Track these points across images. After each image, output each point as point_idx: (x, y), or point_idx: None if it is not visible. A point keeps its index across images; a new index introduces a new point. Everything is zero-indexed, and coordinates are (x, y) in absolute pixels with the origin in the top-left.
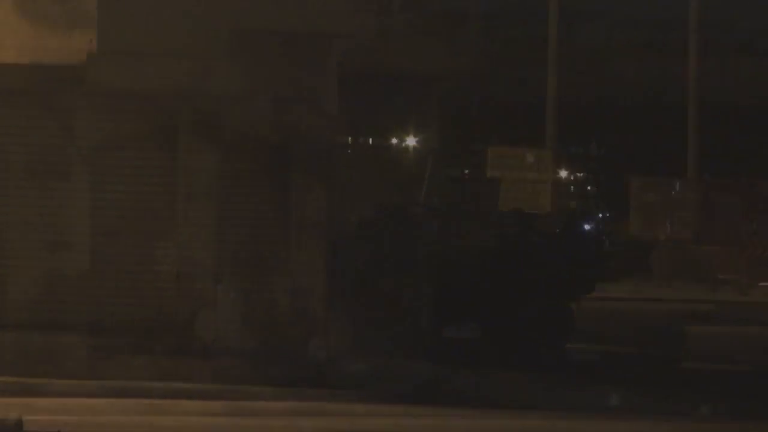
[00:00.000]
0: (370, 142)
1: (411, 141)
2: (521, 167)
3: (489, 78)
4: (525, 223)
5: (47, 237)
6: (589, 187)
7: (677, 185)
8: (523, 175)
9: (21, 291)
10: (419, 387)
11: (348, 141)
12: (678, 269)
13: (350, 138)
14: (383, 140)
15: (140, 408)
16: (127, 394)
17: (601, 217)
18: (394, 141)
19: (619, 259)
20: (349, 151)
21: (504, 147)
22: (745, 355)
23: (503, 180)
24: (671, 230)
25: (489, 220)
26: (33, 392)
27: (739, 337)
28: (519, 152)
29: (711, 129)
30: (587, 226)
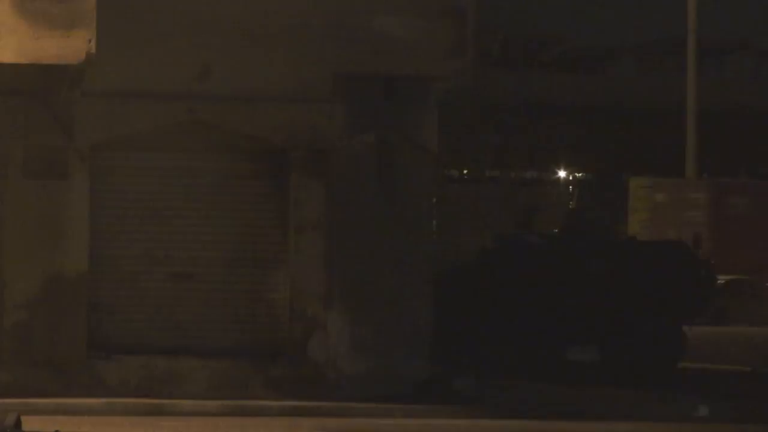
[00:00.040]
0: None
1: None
2: (650, 196)
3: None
4: (637, 250)
5: (170, 268)
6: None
7: None
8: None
9: (146, 318)
10: (542, 405)
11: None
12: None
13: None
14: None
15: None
16: (247, 413)
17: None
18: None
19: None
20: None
21: (644, 178)
22: None
23: (644, 209)
24: None
25: (603, 248)
26: (158, 412)
27: None
28: (648, 181)
29: None
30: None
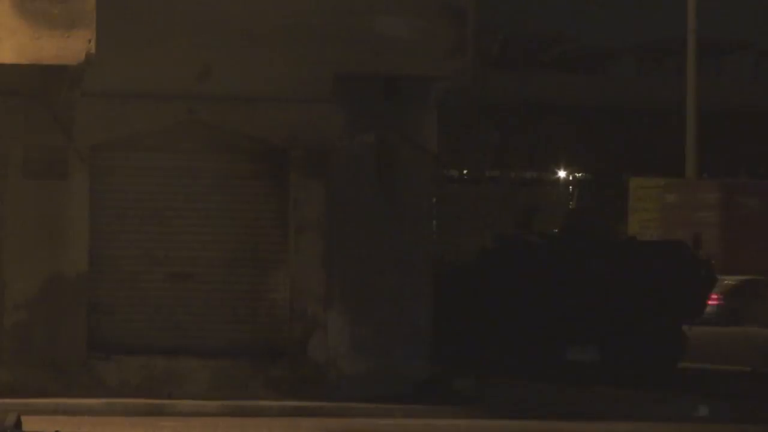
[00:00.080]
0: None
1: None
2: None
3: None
4: (637, 250)
5: (170, 268)
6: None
7: None
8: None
9: (146, 318)
10: (542, 405)
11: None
12: None
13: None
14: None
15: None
16: (247, 413)
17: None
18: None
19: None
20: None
21: (644, 178)
22: None
23: (644, 209)
24: None
25: (603, 247)
26: (158, 412)
27: None
28: (660, 182)
29: None
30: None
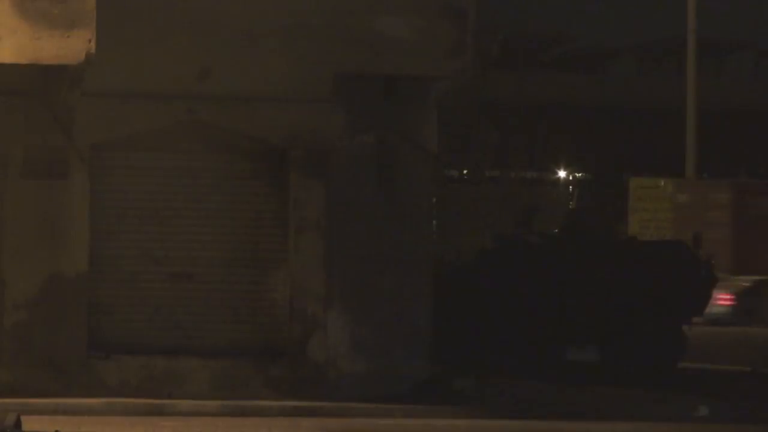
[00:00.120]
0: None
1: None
2: (661, 197)
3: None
4: (637, 250)
5: (170, 268)
6: None
7: None
8: (662, 204)
9: (146, 318)
10: (542, 405)
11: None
12: None
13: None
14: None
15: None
16: (247, 413)
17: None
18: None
19: None
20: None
21: (644, 178)
22: None
23: (644, 209)
24: None
25: (603, 247)
26: (158, 412)
27: None
28: (660, 182)
29: None
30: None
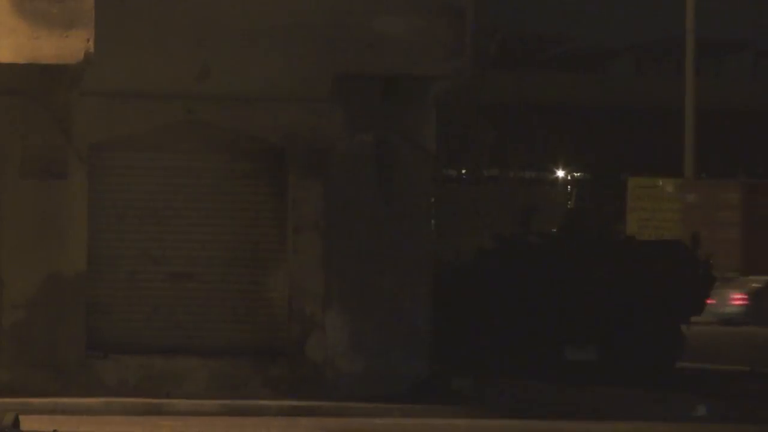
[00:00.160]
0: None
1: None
2: (660, 197)
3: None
4: (635, 250)
5: (168, 268)
6: None
7: None
8: (662, 205)
9: (145, 318)
10: (541, 405)
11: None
12: None
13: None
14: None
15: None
16: (246, 413)
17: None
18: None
19: None
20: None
21: (643, 177)
22: None
23: (643, 209)
24: None
25: (601, 247)
26: (157, 412)
27: None
28: (658, 182)
29: None
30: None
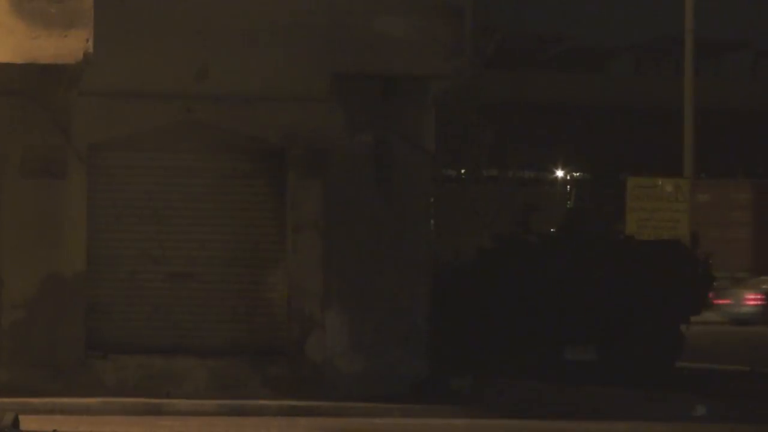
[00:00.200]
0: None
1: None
2: (660, 197)
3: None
4: (635, 249)
5: (168, 268)
6: None
7: None
8: (661, 204)
9: (144, 318)
10: (541, 405)
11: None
12: None
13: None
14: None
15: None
16: (245, 413)
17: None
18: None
19: None
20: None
21: (642, 177)
22: None
23: (642, 209)
24: None
25: (600, 247)
26: (156, 412)
27: None
28: (657, 181)
29: None
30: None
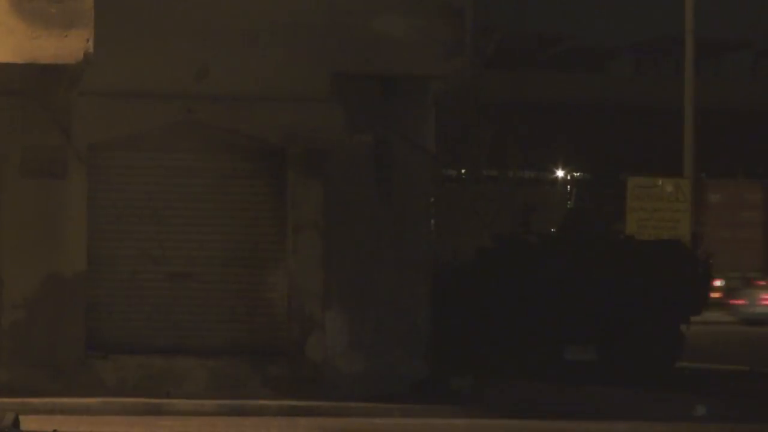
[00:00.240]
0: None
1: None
2: (660, 197)
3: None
4: (635, 249)
5: (168, 268)
6: None
7: None
8: (661, 204)
9: (144, 318)
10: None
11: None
12: None
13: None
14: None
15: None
16: (245, 413)
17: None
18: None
19: None
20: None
21: (642, 177)
22: None
23: (642, 209)
24: None
25: (601, 247)
26: (156, 412)
27: None
28: (658, 181)
29: None
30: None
